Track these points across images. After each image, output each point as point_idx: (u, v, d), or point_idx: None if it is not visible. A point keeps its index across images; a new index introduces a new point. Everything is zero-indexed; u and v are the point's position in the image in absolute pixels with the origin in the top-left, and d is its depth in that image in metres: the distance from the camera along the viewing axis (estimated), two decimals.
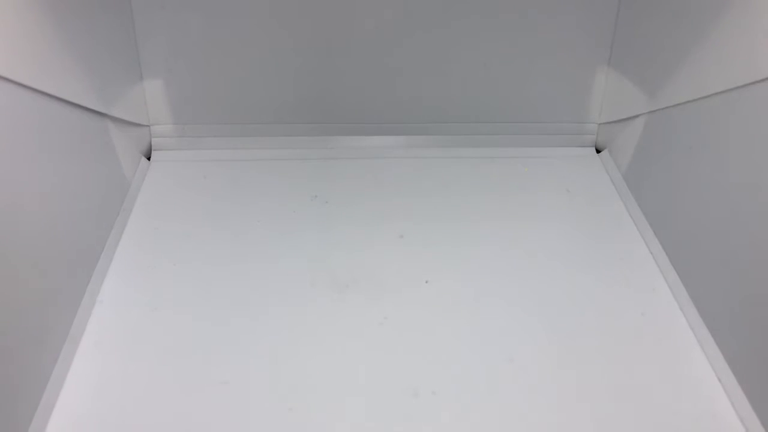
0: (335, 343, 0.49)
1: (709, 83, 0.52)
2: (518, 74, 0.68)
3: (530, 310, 0.52)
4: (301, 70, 0.67)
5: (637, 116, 0.65)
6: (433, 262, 0.56)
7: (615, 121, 0.69)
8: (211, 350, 0.48)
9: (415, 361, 0.48)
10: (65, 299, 0.49)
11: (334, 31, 0.65)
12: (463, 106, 0.70)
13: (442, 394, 0.46)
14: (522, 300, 0.53)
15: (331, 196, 0.63)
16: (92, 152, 0.57)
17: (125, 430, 0.43)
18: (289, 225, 0.60)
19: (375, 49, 0.66)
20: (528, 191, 0.65)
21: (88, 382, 0.46)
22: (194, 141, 0.69)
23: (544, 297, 0.53)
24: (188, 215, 0.60)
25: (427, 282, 0.54)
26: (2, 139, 0.43)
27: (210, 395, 0.45)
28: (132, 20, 0.63)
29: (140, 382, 0.46)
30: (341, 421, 0.44)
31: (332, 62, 0.66)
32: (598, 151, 0.72)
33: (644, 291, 0.54)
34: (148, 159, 0.68)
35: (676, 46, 0.57)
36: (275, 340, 0.49)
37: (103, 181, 0.58)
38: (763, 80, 0.46)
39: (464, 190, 0.64)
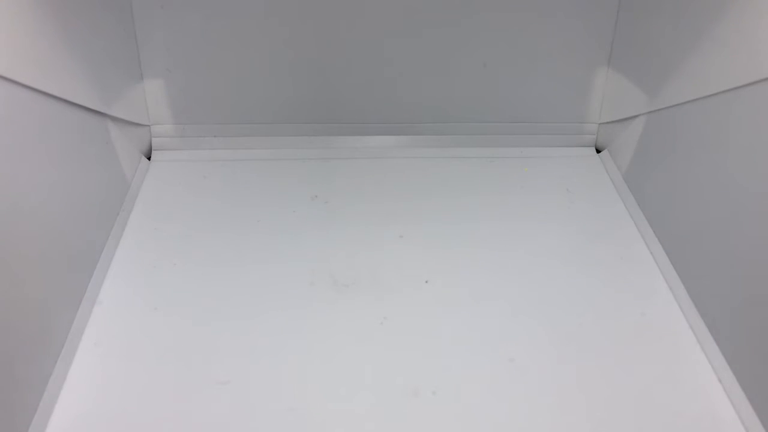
0: (335, 343, 0.49)
1: (709, 83, 0.52)
2: (518, 74, 0.68)
3: (530, 310, 0.52)
4: (301, 70, 0.67)
5: (637, 116, 0.65)
6: (433, 262, 0.56)
7: (615, 121, 0.69)
8: (211, 350, 0.48)
9: (415, 361, 0.48)
10: (65, 299, 0.49)
11: (334, 31, 0.65)
12: (463, 106, 0.70)
13: (442, 394, 0.46)
14: (522, 300, 0.53)
15: (331, 196, 0.63)
16: (92, 152, 0.57)
17: (125, 430, 0.43)
18: (289, 225, 0.60)
19: (375, 48, 0.66)
20: (528, 191, 0.65)
21: (88, 382, 0.46)
22: (194, 141, 0.69)
23: (544, 297, 0.53)
24: (188, 215, 0.60)
25: (427, 282, 0.54)
26: (2, 139, 0.43)
27: (210, 395, 0.45)
28: (132, 20, 0.63)
29: (140, 382, 0.46)
30: (341, 421, 0.44)
31: (332, 62, 0.66)
32: (598, 151, 0.72)
33: (644, 291, 0.54)
34: (149, 159, 0.68)
35: (676, 46, 0.57)
36: (275, 340, 0.49)
37: (103, 181, 0.58)
38: (763, 80, 0.46)
39: (464, 190, 0.64)
